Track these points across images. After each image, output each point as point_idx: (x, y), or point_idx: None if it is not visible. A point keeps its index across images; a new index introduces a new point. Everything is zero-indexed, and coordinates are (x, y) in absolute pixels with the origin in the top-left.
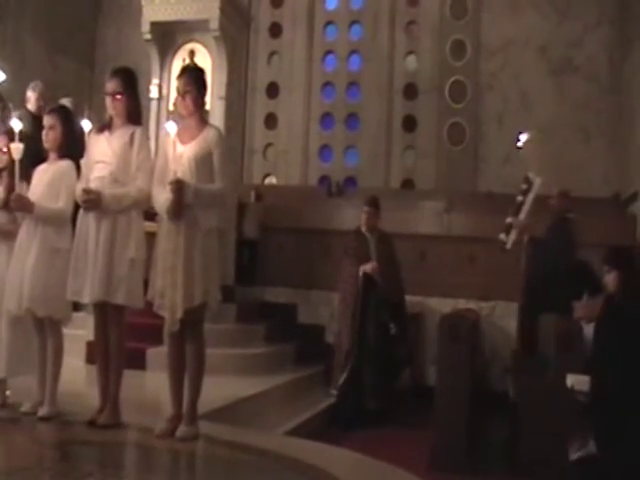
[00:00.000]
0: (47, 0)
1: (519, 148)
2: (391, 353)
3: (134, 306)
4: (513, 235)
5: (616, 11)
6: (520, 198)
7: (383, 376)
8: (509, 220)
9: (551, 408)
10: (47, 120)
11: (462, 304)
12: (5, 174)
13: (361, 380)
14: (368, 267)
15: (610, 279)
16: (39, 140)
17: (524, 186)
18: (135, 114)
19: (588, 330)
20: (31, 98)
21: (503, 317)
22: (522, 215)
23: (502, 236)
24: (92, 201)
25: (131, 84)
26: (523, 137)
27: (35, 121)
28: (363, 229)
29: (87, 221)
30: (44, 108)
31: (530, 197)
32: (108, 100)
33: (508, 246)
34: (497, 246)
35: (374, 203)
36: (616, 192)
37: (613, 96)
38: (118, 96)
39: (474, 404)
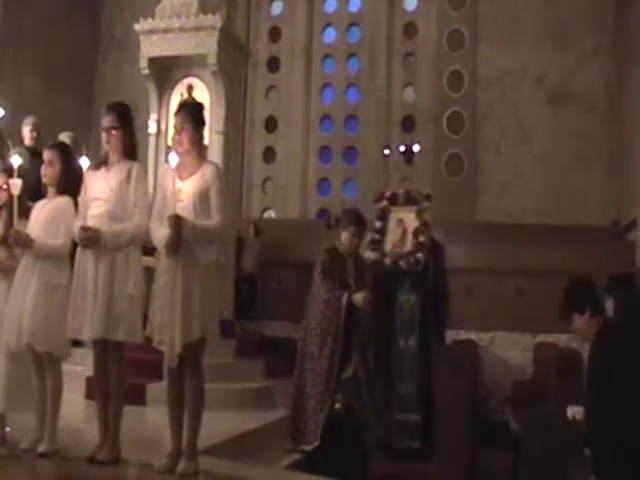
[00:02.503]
0: (45, 38)
1: (387, 156)
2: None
3: (134, 342)
4: None
5: (612, 39)
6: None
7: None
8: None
9: (552, 439)
10: (46, 155)
11: (462, 335)
12: (4, 211)
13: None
14: (359, 297)
15: (609, 306)
16: (37, 176)
17: (426, 203)
18: (131, 149)
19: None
20: (25, 133)
21: (503, 347)
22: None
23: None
24: (90, 238)
25: (126, 119)
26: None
27: (32, 156)
28: (341, 249)
29: (85, 258)
30: (39, 139)
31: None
32: (103, 135)
33: None
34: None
35: (361, 221)
36: (615, 220)
37: (611, 124)
38: (113, 132)
39: (475, 436)
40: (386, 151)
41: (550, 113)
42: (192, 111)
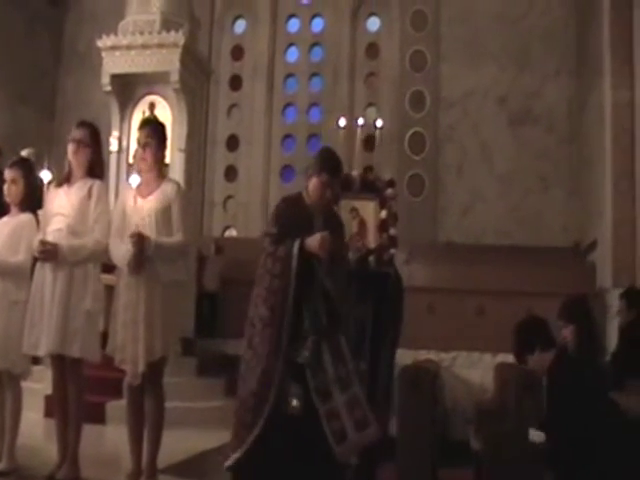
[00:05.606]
0: (7, 50)
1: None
2: None
3: (90, 359)
4: None
5: (574, 61)
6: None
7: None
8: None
9: (512, 458)
10: (9, 174)
11: (423, 355)
12: None
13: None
14: (315, 240)
15: (567, 333)
16: None
17: (391, 191)
18: (97, 168)
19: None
20: None
21: (464, 368)
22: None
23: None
24: (48, 252)
25: (96, 139)
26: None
27: None
28: (308, 201)
29: (43, 273)
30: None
31: None
32: (71, 146)
33: None
34: None
35: (337, 167)
36: (576, 241)
37: (571, 145)
38: (81, 147)
39: (436, 455)
40: (341, 122)
41: (512, 134)
42: (157, 129)
